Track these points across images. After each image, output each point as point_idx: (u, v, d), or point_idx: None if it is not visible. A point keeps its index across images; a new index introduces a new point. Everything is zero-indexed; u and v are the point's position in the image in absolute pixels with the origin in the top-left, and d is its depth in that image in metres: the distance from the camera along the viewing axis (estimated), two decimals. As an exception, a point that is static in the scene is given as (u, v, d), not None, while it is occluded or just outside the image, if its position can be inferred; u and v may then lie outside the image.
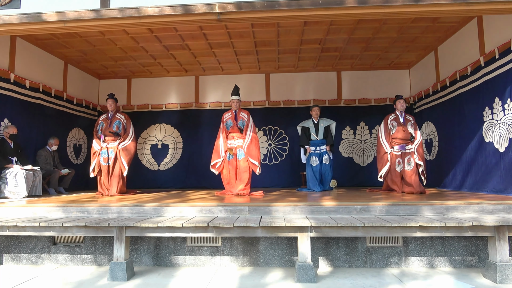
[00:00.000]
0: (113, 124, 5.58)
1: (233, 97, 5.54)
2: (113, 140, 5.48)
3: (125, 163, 5.41)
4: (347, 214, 3.54)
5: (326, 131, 6.16)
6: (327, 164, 6.04)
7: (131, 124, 5.73)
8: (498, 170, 4.72)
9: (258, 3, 3.85)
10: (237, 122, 5.43)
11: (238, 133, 5.37)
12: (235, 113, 5.51)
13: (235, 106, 5.52)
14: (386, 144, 5.40)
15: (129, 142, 5.57)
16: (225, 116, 5.59)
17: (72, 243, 3.68)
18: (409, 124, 5.33)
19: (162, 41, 6.43)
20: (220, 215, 3.62)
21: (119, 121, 5.64)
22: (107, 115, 5.73)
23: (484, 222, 2.99)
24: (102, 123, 5.63)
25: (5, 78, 5.47)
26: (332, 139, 6.20)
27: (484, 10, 3.91)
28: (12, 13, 4.08)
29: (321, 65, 7.81)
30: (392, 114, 5.53)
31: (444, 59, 6.49)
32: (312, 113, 6.27)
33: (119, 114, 5.73)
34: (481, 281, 2.98)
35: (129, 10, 3.95)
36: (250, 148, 5.23)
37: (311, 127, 6.22)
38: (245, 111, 5.58)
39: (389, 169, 5.37)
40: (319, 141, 6.11)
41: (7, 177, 4.91)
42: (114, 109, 5.74)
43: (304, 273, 2.99)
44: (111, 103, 5.71)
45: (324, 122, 6.21)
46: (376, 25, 5.79)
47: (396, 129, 5.33)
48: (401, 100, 5.48)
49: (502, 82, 4.69)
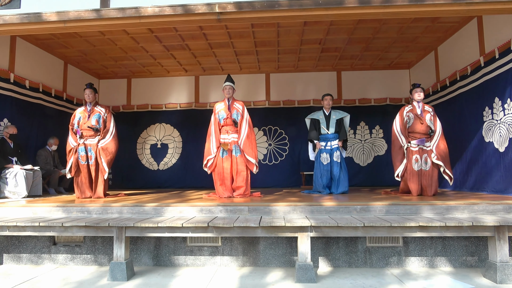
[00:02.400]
0: (91, 118, 4.89)
1: (226, 83, 4.90)
2: (91, 136, 4.84)
3: (105, 165, 4.74)
4: (347, 214, 3.54)
5: (338, 124, 5.42)
6: (338, 162, 5.28)
7: (112, 119, 5.00)
8: (498, 170, 4.72)
9: (258, 3, 3.85)
10: (231, 113, 4.81)
11: (232, 127, 4.79)
12: (229, 103, 4.87)
13: (228, 93, 4.86)
14: (402, 138, 4.69)
15: (109, 139, 4.86)
16: (217, 107, 4.93)
17: (72, 243, 3.68)
18: (428, 116, 4.70)
19: (162, 41, 6.43)
20: (220, 215, 3.62)
21: (99, 114, 4.92)
22: (85, 107, 5.01)
23: (484, 222, 2.99)
24: (80, 116, 4.93)
25: (5, 78, 5.47)
26: (345, 133, 5.46)
27: (484, 10, 3.92)
28: (12, 13, 4.09)
29: (321, 65, 7.81)
30: (408, 105, 4.84)
31: (444, 59, 6.49)
32: (324, 103, 5.53)
33: (99, 107, 5.02)
34: (481, 281, 2.98)
35: (129, 10, 3.95)
36: (246, 144, 4.68)
37: (321, 119, 5.46)
38: (240, 102, 4.94)
39: (406, 167, 4.66)
40: (331, 135, 5.38)
41: (7, 177, 4.91)
42: (93, 100, 5.03)
43: (304, 273, 2.99)
44: (88, 94, 4.97)
45: (337, 114, 5.47)
46: (376, 25, 5.79)
47: (413, 122, 4.71)
48: (418, 89, 4.77)
49: (502, 82, 4.69)
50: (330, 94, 5.63)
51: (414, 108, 4.78)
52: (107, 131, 4.89)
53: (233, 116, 4.80)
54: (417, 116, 4.72)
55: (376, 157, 7.73)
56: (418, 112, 4.72)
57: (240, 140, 4.73)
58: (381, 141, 7.77)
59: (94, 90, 5.06)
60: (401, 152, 4.73)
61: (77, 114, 4.99)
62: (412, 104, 4.83)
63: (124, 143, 7.92)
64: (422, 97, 4.82)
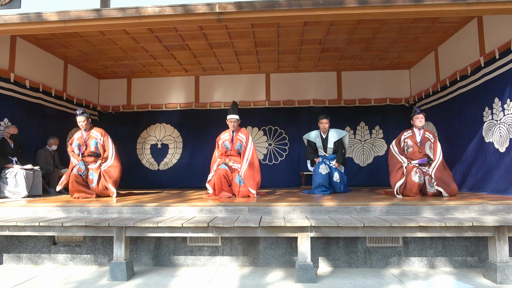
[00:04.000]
0: (89, 146, 4.93)
1: (231, 117, 4.88)
2: (93, 161, 4.92)
3: (112, 186, 4.78)
4: (347, 214, 3.54)
5: (336, 145, 5.41)
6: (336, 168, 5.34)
7: (109, 140, 4.98)
8: (498, 170, 4.72)
9: (258, 3, 3.85)
10: (234, 145, 4.89)
11: (237, 157, 4.89)
12: (233, 134, 4.93)
13: (233, 127, 4.90)
14: (402, 157, 4.49)
15: (111, 162, 4.89)
16: (222, 136, 5.00)
17: (72, 243, 3.68)
18: (428, 144, 4.49)
19: (162, 41, 6.43)
20: (220, 215, 3.62)
21: (95, 140, 4.94)
22: (81, 134, 4.99)
23: (484, 222, 2.99)
24: (77, 143, 4.95)
25: (5, 78, 5.47)
26: (342, 156, 5.39)
27: (484, 10, 3.92)
28: (12, 13, 4.09)
29: (321, 65, 7.81)
30: (408, 131, 4.61)
31: (444, 59, 6.49)
32: (320, 126, 5.47)
33: (94, 132, 4.99)
34: (481, 281, 2.98)
35: (129, 10, 3.95)
36: (246, 175, 4.64)
37: (318, 142, 5.47)
38: (244, 131, 4.97)
39: (405, 182, 4.44)
40: (329, 156, 5.44)
41: (7, 177, 4.91)
42: (88, 127, 4.99)
43: (304, 273, 2.99)
44: (82, 121, 4.89)
45: (334, 135, 5.41)
46: (376, 25, 5.79)
47: (412, 150, 4.52)
48: (419, 115, 4.54)
49: (502, 82, 4.69)
50: (327, 117, 5.49)
51: (413, 135, 4.56)
52: (107, 156, 4.94)
53: (236, 148, 4.89)
54: (415, 143, 4.54)
55: (376, 157, 7.73)
56: (417, 140, 4.53)
57: (241, 171, 4.72)
58: (381, 142, 7.77)
59: (86, 117, 4.96)
60: (401, 172, 4.51)
61: (75, 140, 4.99)
62: (412, 130, 4.61)
63: (124, 143, 7.94)
64: (423, 124, 4.60)
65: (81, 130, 5.02)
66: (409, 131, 4.67)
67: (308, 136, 5.63)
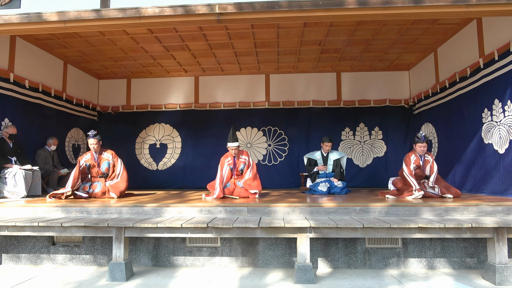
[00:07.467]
0: (101, 166, 5.03)
1: (232, 145, 5.05)
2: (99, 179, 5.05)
3: (114, 195, 4.84)
4: (346, 215, 3.54)
5: (335, 164, 5.79)
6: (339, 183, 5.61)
7: (119, 161, 5.09)
8: (497, 172, 4.72)
9: (258, 4, 3.85)
10: (238, 168, 5.17)
11: (240, 176, 5.16)
12: (235, 158, 5.16)
13: (234, 154, 5.11)
14: (414, 182, 4.65)
15: (117, 180, 4.98)
16: (225, 161, 5.14)
17: (71, 243, 3.68)
18: (428, 166, 4.85)
19: (162, 42, 6.43)
20: (220, 215, 3.62)
21: (108, 162, 5.03)
22: (92, 156, 5.00)
23: (483, 223, 3.00)
24: (87, 165, 4.98)
25: (5, 78, 5.47)
26: (340, 173, 5.72)
27: (483, 12, 3.92)
28: (12, 13, 4.08)
29: (320, 66, 7.82)
30: (413, 155, 4.86)
31: (443, 60, 6.50)
32: (323, 147, 5.91)
33: (106, 154, 5.06)
34: (480, 283, 2.99)
35: (129, 10, 3.95)
36: (246, 184, 4.93)
37: (319, 159, 5.87)
38: (245, 153, 5.21)
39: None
40: (329, 174, 5.79)
41: (6, 177, 4.91)
42: (98, 149, 5.02)
43: (303, 274, 2.99)
44: (94, 144, 4.93)
45: (335, 155, 5.85)
46: (376, 26, 5.79)
47: (414, 172, 4.84)
48: (422, 144, 4.75)
49: (502, 84, 4.70)
50: (331, 140, 5.90)
51: (417, 160, 4.86)
52: (116, 175, 5.02)
53: (239, 170, 5.18)
54: (419, 166, 4.87)
55: (375, 158, 7.74)
56: (420, 163, 4.86)
57: (242, 181, 5.01)
58: (380, 143, 7.77)
59: (98, 139, 4.97)
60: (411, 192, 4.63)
61: (84, 162, 4.96)
62: (415, 155, 4.87)
63: (123, 143, 7.94)
64: (424, 151, 4.80)
65: (90, 152, 5.02)
66: (413, 155, 4.85)
67: (310, 154, 6.04)
